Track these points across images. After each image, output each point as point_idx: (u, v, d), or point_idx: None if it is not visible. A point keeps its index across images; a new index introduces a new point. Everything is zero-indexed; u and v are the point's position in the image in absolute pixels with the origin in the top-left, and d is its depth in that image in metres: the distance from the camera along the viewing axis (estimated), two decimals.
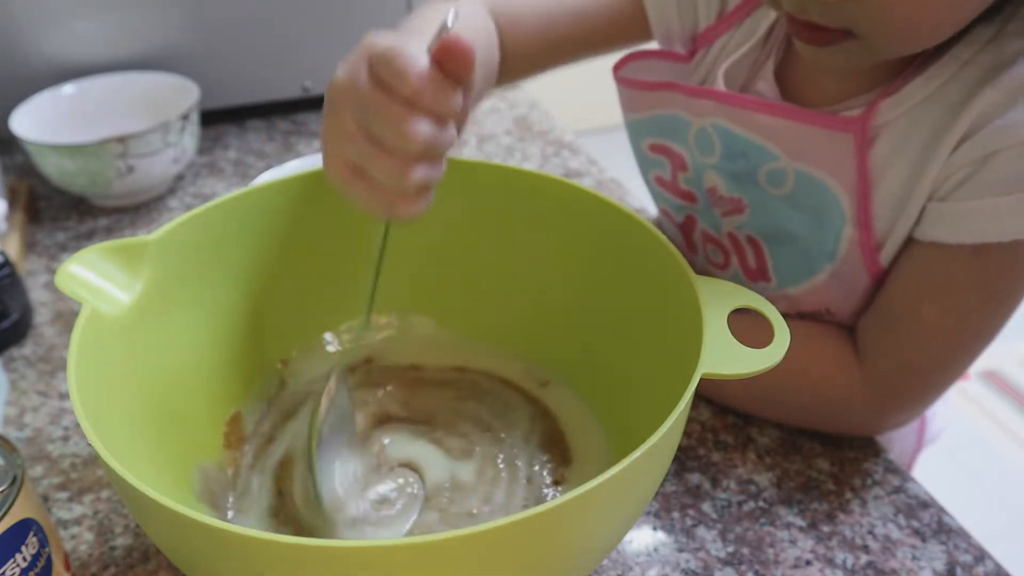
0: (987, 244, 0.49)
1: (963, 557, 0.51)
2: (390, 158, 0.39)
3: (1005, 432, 1.74)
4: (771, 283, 0.60)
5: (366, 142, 0.39)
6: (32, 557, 0.42)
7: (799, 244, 0.57)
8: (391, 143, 0.38)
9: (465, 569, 0.34)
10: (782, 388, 0.56)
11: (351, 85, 0.40)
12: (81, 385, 0.39)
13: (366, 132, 0.39)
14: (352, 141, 0.39)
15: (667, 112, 0.60)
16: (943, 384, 0.55)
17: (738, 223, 0.59)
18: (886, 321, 0.54)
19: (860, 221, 0.53)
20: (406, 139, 0.38)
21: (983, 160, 0.48)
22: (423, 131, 0.38)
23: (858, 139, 0.51)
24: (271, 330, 0.55)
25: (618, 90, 0.65)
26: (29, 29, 0.85)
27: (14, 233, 0.76)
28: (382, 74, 0.38)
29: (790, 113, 0.53)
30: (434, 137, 0.38)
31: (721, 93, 0.56)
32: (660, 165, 0.64)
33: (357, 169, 0.40)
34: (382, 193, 0.40)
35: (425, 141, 0.38)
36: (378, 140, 0.39)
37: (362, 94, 0.39)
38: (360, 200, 0.40)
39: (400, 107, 0.38)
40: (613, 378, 0.52)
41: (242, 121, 0.99)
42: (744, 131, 0.55)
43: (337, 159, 0.41)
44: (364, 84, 0.39)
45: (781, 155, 0.54)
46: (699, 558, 0.50)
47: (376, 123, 0.38)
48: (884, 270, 0.54)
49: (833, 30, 0.47)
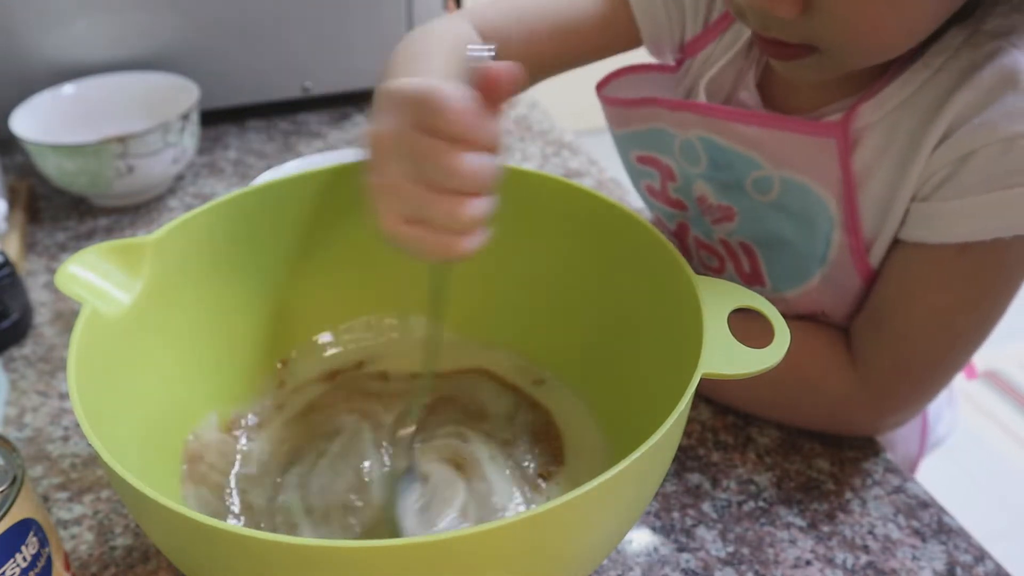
0: (970, 243, 0.49)
1: (963, 557, 0.51)
2: (448, 200, 0.38)
3: (1005, 432, 1.74)
4: (766, 287, 0.60)
5: (421, 190, 0.38)
6: (32, 557, 0.42)
7: (790, 249, 0.57)
8: (448, 185, 0.38)
9: (465, 569, 0.34)
10: (780, 388, 0.56)
11: (393, 136, 0.39)
12: (81, 385, 0.39)
13: (419, 181, 0.38)
14: (403, 193, 0.39)
15: (651, 126, 0.61)
16: (937, 383, 0.55)
17: (729, 230, 0.60)
18: (876, 322, 0.55)
19: (848, 224, 0.53)
20: (463, 178, 0.37)
21: (962, 160, 0.49)
22: (479, 166, 0.38)
23: (840, 144, 0.51)
24: (271, 330, 0.55)
25: (602, 107, 0.65)
26: (29, 29, 0.85)
27: (14, 233, 0.76)
28: (426, 119, 0.37)
29: (771, 122, 0.53)
30: (488, 169, 0.38)
31: (702, 106, 0.57)
32: (649, 176, 0.64)
33: (413, 220, 0.39)
34: (441, 236, 0.39)
35: (481, 175, 0.38)
36: (434, 185, 0.38)
37: (409, 143, 0.38)
38: (422, 248, 0.40)
39: (451, 147, 0.37)
40: (613, 378, 0.52)
41: (242, 121, 0.99)
42: (727, 142, 0.55)
43: (391, 215, 0.40)
44: (408, 132, 0.38)
45: (765, 164, 0.54)
46: (699, 558, 0.50)
47: (428, 169, 0.38)
48: (874, 272, 0.54)
49: (797, 45, 0.47)
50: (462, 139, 0.37)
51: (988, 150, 0.48)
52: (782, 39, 0.48)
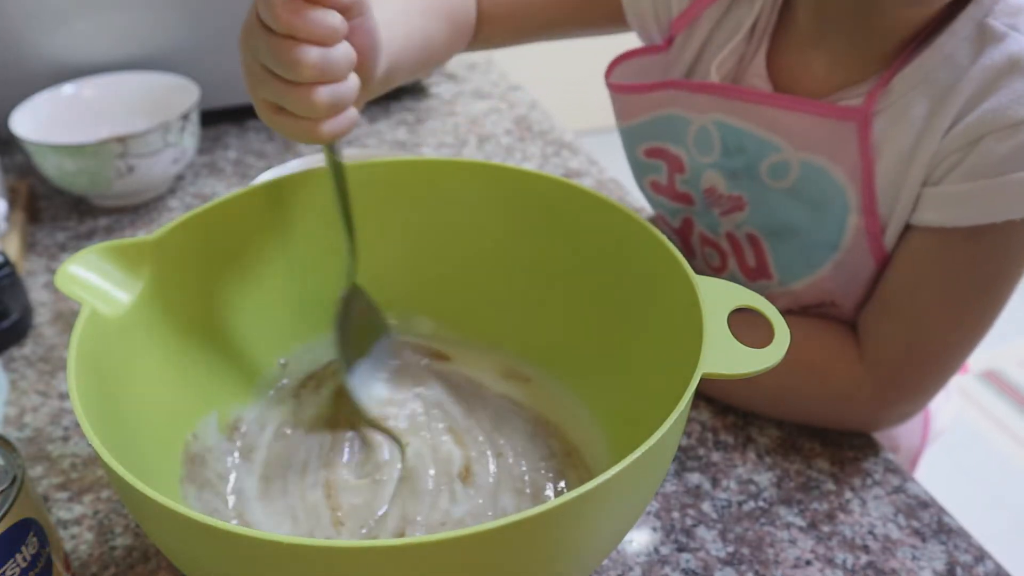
0: (980, 227, 0.50)
1: (963, 557, 0.51)
2: (294, 88, 0.41)
3: (1005, 432, 1.74)
4: (772, 280, 0.60)
5: (276, 82, 0.41)
6: (32, 557, 0.42)
7: (800, 238, 0.57)
8: (286, 76, 0.41)
9: (465, 569, 0.34)
10: (786, 380, 0.56)
11: (247, 30, 0.43)
12: (81, 385, 0.39)
13: (269, 71, 0.42)
14: (262, 82, 0.42)
15: (665, 113, 0.60)
16: (944, 371, 0.55)
17: (738, 221, 0.60)
18: (885, 308, 0.55)
19: (865, 207, 0.53)
20: (296, 68, 0.40)
21: (973, 144, 0.49)
22: (308, 57, 0.40)
23: (861, 128, 0.52)
24: (271, 330, 0.55)
25: (612, 97, 0.64)
26: (29, 29, 0.85)
27: (14, 233, 0.76)
28: (261, 15, 0.40)
29: (793, 104, 0.54)
30: (322, 59, 0.40)
31: (723, 87, 0.57)
32: (656, 170, 0.64)
33: (276, 106, 0.43)
34: (300, 122, 0.42)
35: (314, 65, 0.40)
36: (279, 75, 0.41)
37: (255, 38, 0.41)
38: (286, 132, 0.43)
39: (282, 40, 0.40)
40: (613, 378, 0.52)
41: (242, 121, 0.99)
42: (746, 124, 0.56)
43: (262, 103, 0.44)
44: (256, 27, 0.41)
45: (785, 146, 0.55)
46: (699, 558, 0.50)
47: (269, 61, 0.41)
48: (888, 256, 0.55)
49: None
50: (288, 33, 0.39)
51: (998, 135, 0.48)
52: None
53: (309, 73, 0.40)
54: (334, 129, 0.43)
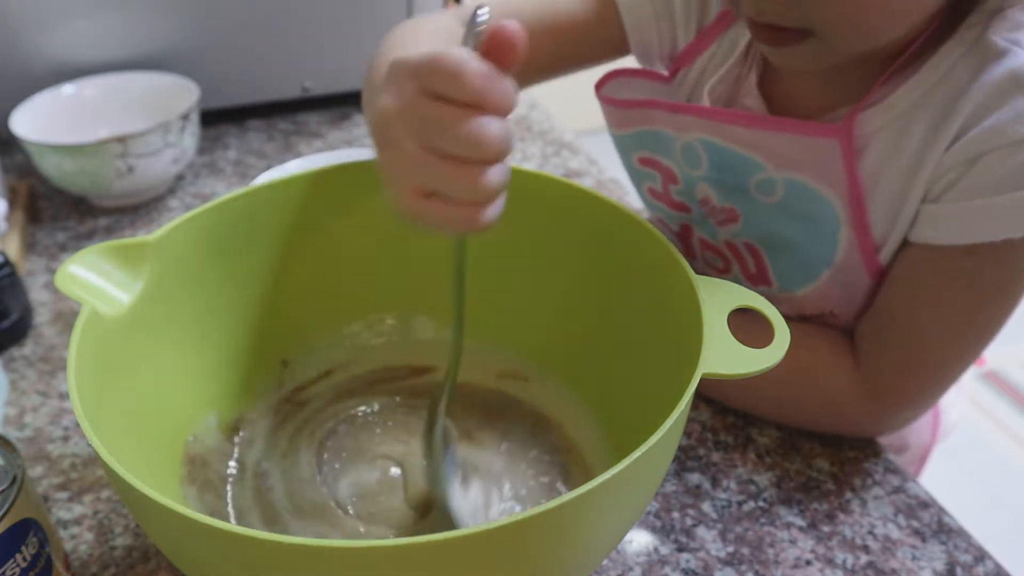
0: (977, 244, 0.49)
1: (963, 557, 0.51)
2: (465, 170, 0.36)
3: (1005, 432, 1.74)
4: (772, 287, 0.60)
5: (436, 161, 0.36)
6: (32, 557, 0.42)
7: (796, 250, 0.57)
8: (464, 154, 0.35)
9: (465, 569, 0.34)
10: (782, 386, 0.56)
11: (403, 108, 0.37)
12: (81, 385, 0.39)
13: (432, 151, 0.36)
14: (418, 166, 0.36)
15: (650, 128, 0.60)
16: (940, 384, 0.55)
17: (734, 231, 0.59)
18: (882, 322, 0.55)
19: (856, 224, 0.53)
20: (480, 144, 0.35)
21: (972, 162, 0.49)
22: (495, 131, 0.35)
23: (844, 144, 0.51)
24: (271, 330, 0.55)
25: (602, 107, 0.64)
26: (29, 29, 0.85)
27: (14, 233, 0.75)
28: (436, 85, 0.35)
29: (773, 124, 0.53)
30: (505, 134, 0.36)
31: (702, 109, 0.56)
32: (651, 178, 0.64)
33: (428, 192, 0.37)
34: (460, 209, 0.37)
35: (501, 140, 0.35)
36: (448, 155, 0.36)
37: (419, 113, 0.36)
38: (438, 222, 0.37)
39: (465, 113, 0.35)
40: (613, 378, 0.52)
41: (242, 121, 0.99)
42: (729, 144, 0.55)
43: (405, 189, 0.37)
44: (417, 102, 0.36)
45: (767, 166, 0.54)
46: (699, 558, 0.50)
47: (442, 138, 0.35)
48: (884, 269, 0.54)
49: (792, 30, 0.48)
50: (475, 103, 0.35)
51: (998, 153, 0.48)
52: (776, 23, 0.48)
53: (494, 149, 0.35)
54: (493, 216, 0.37)
